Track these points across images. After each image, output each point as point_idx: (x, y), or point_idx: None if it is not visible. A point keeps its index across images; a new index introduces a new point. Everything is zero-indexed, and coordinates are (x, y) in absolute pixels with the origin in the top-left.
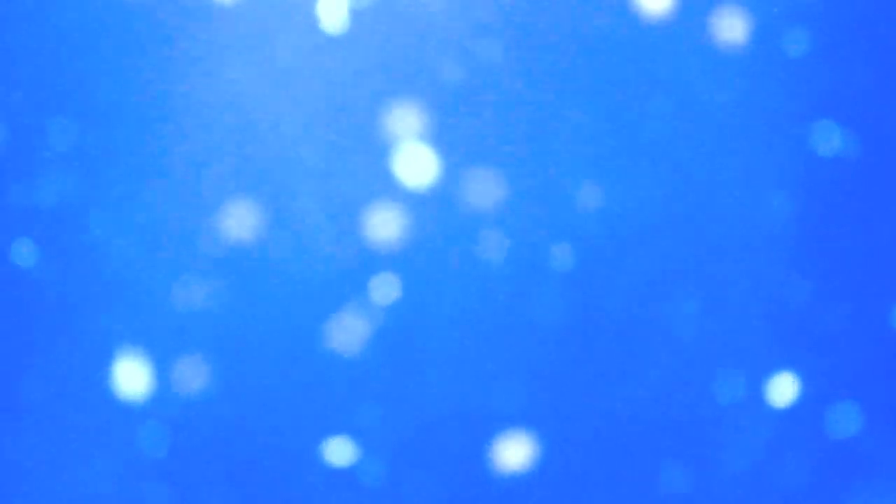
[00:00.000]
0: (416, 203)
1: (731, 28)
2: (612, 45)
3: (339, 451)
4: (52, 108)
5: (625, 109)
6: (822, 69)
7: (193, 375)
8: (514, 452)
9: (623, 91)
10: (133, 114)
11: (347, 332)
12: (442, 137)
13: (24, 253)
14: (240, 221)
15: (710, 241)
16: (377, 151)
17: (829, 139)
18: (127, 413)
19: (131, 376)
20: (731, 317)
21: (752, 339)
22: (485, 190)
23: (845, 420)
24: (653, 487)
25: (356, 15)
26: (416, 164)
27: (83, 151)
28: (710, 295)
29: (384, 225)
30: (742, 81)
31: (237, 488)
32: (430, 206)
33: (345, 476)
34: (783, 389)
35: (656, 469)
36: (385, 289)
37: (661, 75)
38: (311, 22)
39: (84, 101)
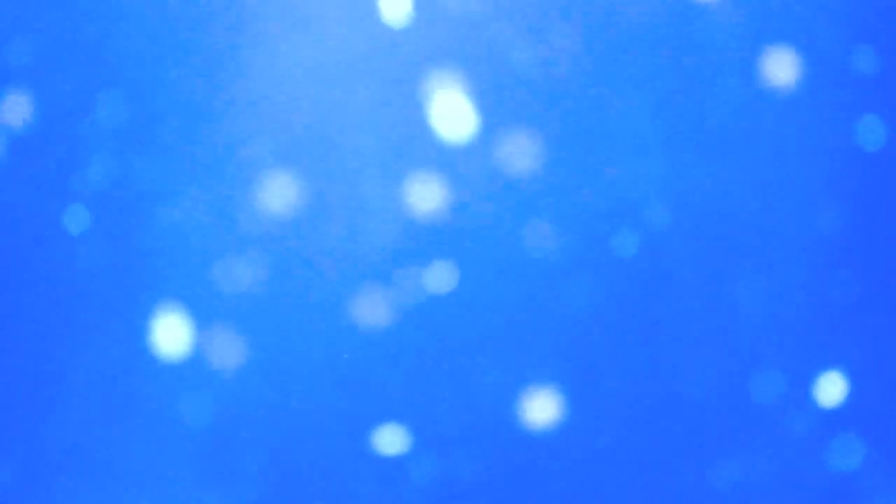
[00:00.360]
0: (465, 180)
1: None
2: (677, 34)
3: (390, 439)
4: (102, 82)
5: (685, 101)
6: (873, 67)
7: (234, 351)
8: (550, 423)
9: (686, 82)
10: (180, 88)
11: (393, 310)
12: (498, 121)
13: (76, 220)
14: (284, 193)
15: (757, 235)
16: (426, 129)
17: (876, 135)
18: (167, 378)
19: (172, 342)
20: (777, 312)
21: (798, 336)
22: (541, 172)
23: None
24: (700, 482)
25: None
26: (466, 141)
27: (133, 123)
28: (757, 289)
29: (432, 200)
30: (796, 78)
31: (280, 472)
32: (480, 182)
33: (393, 461)
34: (829, 388)
35: (703, 462)
36: (431, 266)
37: (723, 67)
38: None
39: (134, 75)
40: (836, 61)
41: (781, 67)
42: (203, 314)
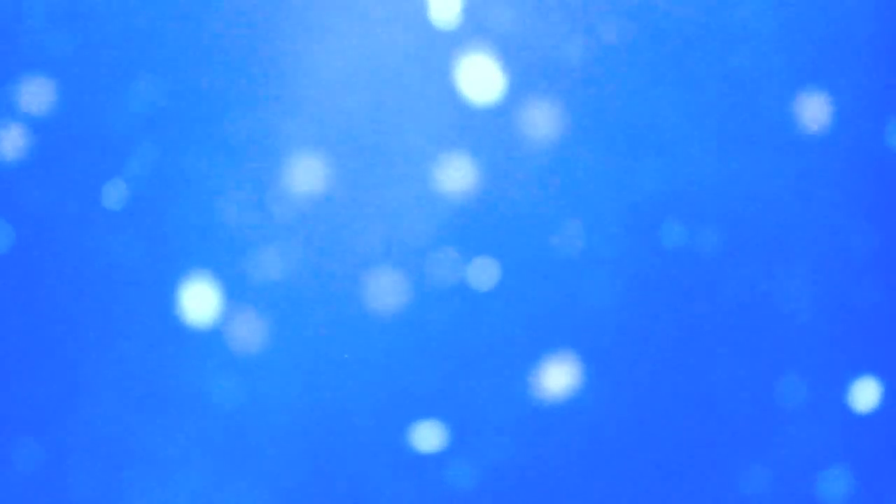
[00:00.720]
0: (501, 168)
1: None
2: (724, 39)
3: (426, 436)
4: (139, 67)
5: (729, 101)
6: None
7: (262, 333)
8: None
9: (729, 82)
10: (217, 74)
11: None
12: (538, 110)
13: (115, 197)
14: (316, 175)
15: (795, 237)
16: (462, 117)
17: None
18: (195, 356)
19: (202, 321)
20: (810, 316)
21: (830, 342)
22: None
23: None
24: (732, 487)
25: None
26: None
27: (170, 106)
28: (792, 292)
29: (465, 187)
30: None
31: (306, 456)
32: (517, 172)
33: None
34: (861, 395)
35: (734, 470)
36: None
37: (763, 68)
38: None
39: (171, 60)
40: (871, 74)
41: (818, 91)
42: (234, 295)
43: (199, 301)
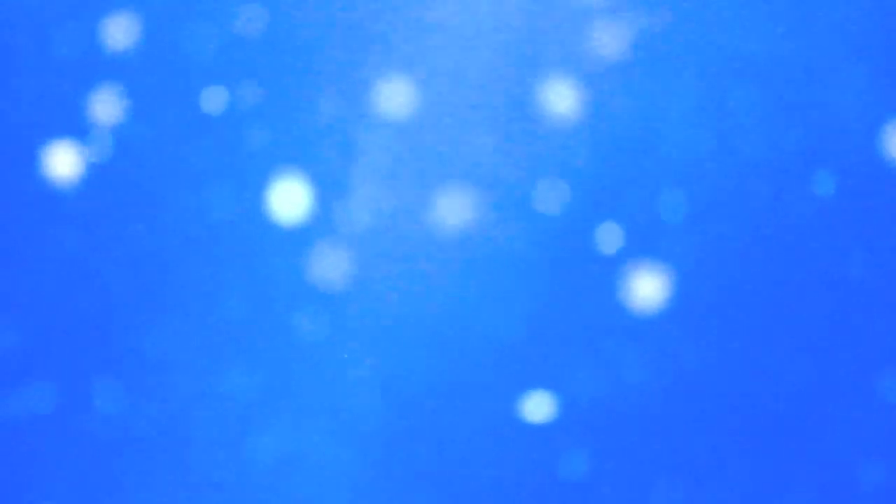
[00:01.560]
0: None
1: None
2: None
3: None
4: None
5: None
6: None
7: (352, 270)
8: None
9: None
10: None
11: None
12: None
13: (215, 102)
14: (409, 100)
15: None
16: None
17: None
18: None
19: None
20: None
21: None
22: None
23: None
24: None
25: None
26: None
27: (273, 32)
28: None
29: (563, 100)
30: None
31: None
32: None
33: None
34: None
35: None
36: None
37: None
38: None
39: None
40: None
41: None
42: (325, 228)
43: (289, 211)
